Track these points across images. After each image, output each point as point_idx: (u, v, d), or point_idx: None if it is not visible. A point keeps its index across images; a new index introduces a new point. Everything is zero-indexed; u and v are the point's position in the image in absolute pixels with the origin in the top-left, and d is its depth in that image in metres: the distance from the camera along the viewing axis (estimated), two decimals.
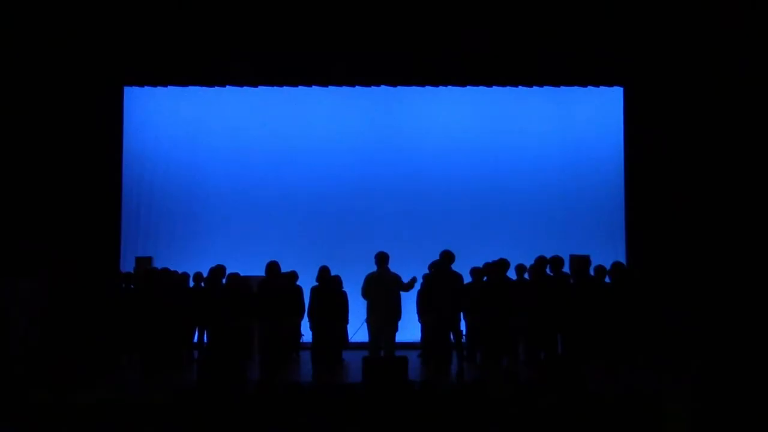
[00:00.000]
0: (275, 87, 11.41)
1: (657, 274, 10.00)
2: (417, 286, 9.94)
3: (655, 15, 10.38)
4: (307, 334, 10.10)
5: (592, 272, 9.36)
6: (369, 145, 11.88)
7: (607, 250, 10.16)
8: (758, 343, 9.41)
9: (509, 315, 9.18)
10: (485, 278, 9.55)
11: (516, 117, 11.89)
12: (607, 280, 9.37)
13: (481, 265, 9.66)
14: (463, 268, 9.44)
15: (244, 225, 11.70)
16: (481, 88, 11.43)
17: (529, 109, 11.84)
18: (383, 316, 9.20)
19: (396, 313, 9.31)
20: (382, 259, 9.35)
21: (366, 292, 9.33)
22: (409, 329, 10.17)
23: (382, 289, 9.22)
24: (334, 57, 10.74)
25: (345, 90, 11.54)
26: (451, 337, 9.45)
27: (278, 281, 9.32)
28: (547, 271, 9.32)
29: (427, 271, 9.84)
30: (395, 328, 9.36)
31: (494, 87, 11.42)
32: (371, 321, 9.30)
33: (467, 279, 9.55)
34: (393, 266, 9.45)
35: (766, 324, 9.76)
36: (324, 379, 8.80)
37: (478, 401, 5.90)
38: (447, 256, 9.27)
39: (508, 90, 11.52)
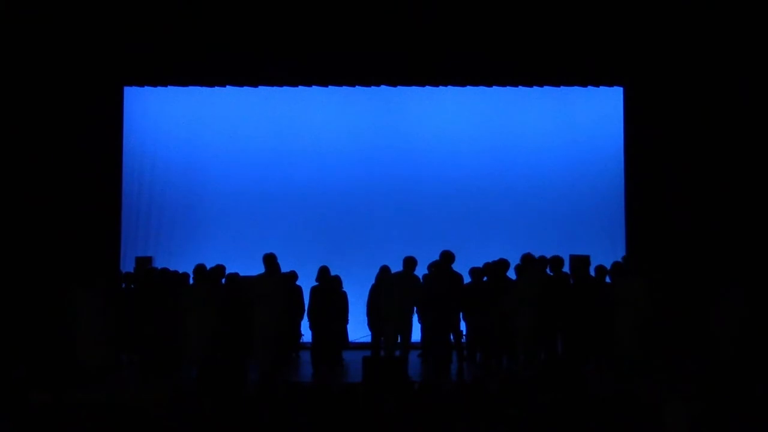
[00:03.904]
0: (275, 87, 11.41)
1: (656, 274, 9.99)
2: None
3: (655, 15, 10.38)
4: (307, 334, 10.10)
5: (592, 272, 9.34)
6: (369, 145, 11.87)
7: (607, 250, 10.16)
8: (758, 343, 9.41)
9: (509, 315, 9.16)
10: (485, 278, 9.54)
11: (516, 117, 11.88)
12: (607, 280, 9.36)
13: (481, 265, 9.65)
14: (463, 268, 9.44)
15: (244, 225, 11.69)
16: (481, 88, 11.42)
17: (529, 109, 11.83)
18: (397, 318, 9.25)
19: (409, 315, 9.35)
20: (408, 263, 9.39)
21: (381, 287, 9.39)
22: None
23: (398, 291, 9.25)
24: (334, 57, 10.74)
25: (345, 90, 11.54)
26: (451, 337, 9.45)
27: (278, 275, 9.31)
28: (547, 271, 9.32)
29: (426, 271, 9.84)
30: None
31: (494, 87, 11.41)
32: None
33: (467, 279, 9.55)
34: (393, 267, 9.45)
35: (767, 324, 9.77)
36: (324, 379, 8.80)
37: (478, 401, 5.90)
38: (447, 256, 9.27)
39: (508, 90, 11.51)
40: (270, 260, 9.13)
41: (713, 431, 5.69)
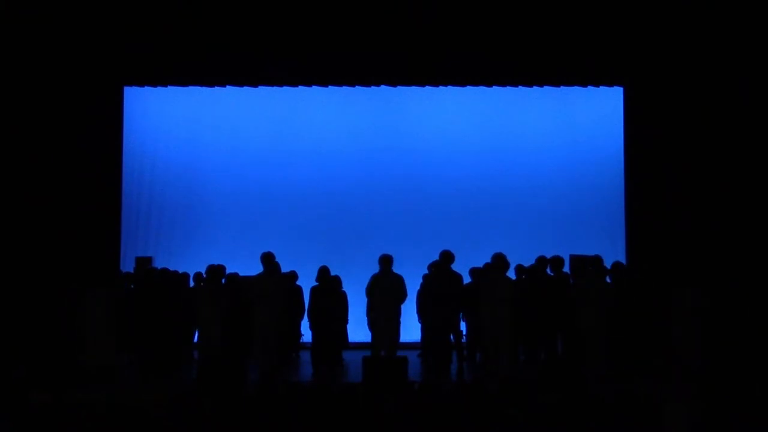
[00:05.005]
0: (275, 87, 11.41)
1: (657, 274, 9.99)
2: (417, 287, 9.96)
3: (655, 15, 10.38)
4: (307, 334, 10.10)
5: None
6: (369, 145, 11.88)
7: (607, 250, 10.15)
8: (759, 343, 9.41)
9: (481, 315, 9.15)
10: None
11: (516, 117, 11.89)
12: (607, 279, 9.37)
13: (481, 265, 9.65)
14: (462, 268, 9.43)
15: (244, 225, 11.70)
16: (481, 88, 11.42)
17: (529, 109, 11.84)
18: (385, 318, 9.19)
19: (397, 315, 9.30)
20: (385, 261, 9.32)
21: (369, 292, 9.30)
22: (409, 329, 10.16)
23: (386, 291, 9.21)
24: (334, 57, 10.74)
25: (345, 90, 11.54)
26: (451, 337, 9.45)
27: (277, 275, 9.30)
28: (548, 271, 9.32)
29: (426, 271, 9.83)
30: (397, 330, 9.36)
31: (494, 87, 11.41)
32: (374, 321, 9.28)
33: (467, 279, 9.54)
34: (393, 267, 9.44)
35: (767, 324, 9.77)
36: (324, 379, 8.80)
37: (478, 401, 5.90)
38: (447, 256, 9.26)
39: (508, 90, 11.51)
40: (268, 259, 9.13)
41: (713, 431, 5.70)
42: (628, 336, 8.92)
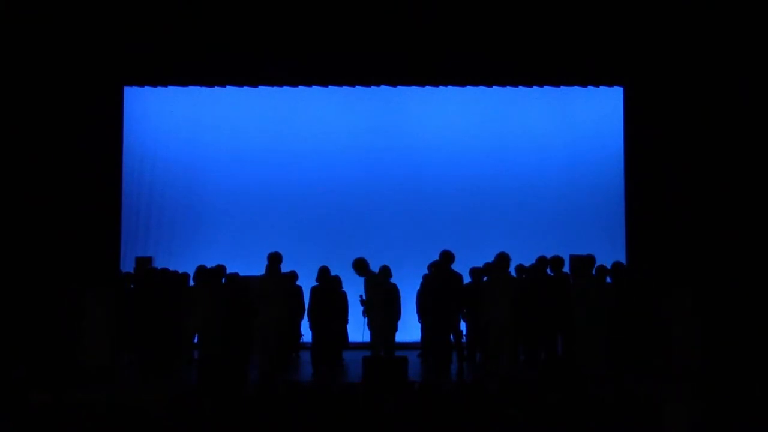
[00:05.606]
0: (275, 87, 11.41)
1: (657, 274, 9.99)
2: (417, 287, 9.96)
3: (655, 15, 10.38)
4: (307, 334, 10.10)
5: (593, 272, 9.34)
6: (369, 145, 11.88)
7: (607, 250, 10.16)
8: (759, 342, 9.42)
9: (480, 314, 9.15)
10: (485, 278, 9.54)
11: (516, 117, 11.89)
12: (608, 280, 9.36)
13: (481, 265, 9.65)
14: (462, 268, 9.43)
15: (244, 225, 11.71)
16: (481, 88, 11.43)
17: (529, 109, 11.84)
18: (382, 317, 9.20)
19: (395, 314, 9.31)
20: (362, 266, 9.30)
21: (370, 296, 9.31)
22: (409, 329, 10.17)
23: (380, 291, 9.21)
24: (334, 57, 10.75)
25: (345, 90, 11.54)
26: (451, 337, 9.45)
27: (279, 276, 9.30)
28: (548, 271, 9.32)
29: (426, 271, 9.83)
30: (395, 329, 9.37)
31: (494, 87, 11.41)
32: (372, 321, 9.29)
33: (467, 279, 9.54)
34: (393, 267, 9.45)
35: (767, 323, 9.78)
36: (324, 379, 8.80)
37: (478, 401, 5.90)
38: (447, 256, 9.26)
39: (508, 90, 11.52)
40: (273, 259, 9.14)
41: (713, 431, 5.70)
42: (628, 336, 8.90)
